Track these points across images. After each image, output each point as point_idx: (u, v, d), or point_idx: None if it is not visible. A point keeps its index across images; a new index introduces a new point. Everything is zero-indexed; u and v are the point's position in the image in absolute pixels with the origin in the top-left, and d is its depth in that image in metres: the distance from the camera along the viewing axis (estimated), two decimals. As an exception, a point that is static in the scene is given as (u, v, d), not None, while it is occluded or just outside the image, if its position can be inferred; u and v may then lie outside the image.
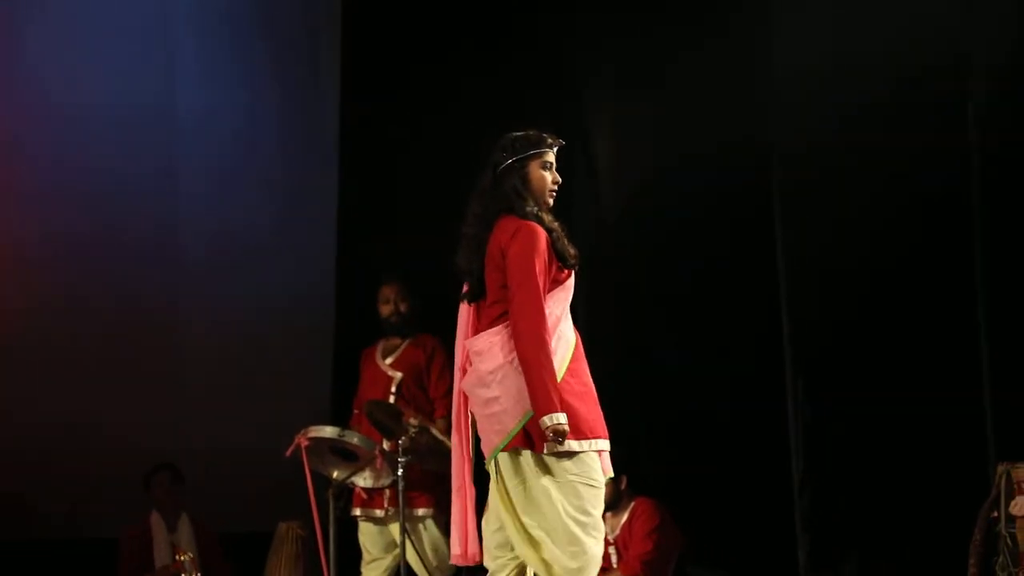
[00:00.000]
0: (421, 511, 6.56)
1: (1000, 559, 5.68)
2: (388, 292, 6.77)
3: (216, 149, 8.27)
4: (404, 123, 7.89)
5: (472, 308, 4.71)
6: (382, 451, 6.28)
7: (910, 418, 6.42)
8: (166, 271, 8.19)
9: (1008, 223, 6.21)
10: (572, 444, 4.45)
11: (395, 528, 6.38)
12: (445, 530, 6.65)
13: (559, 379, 4.48)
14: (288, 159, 8.36)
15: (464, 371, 4.69)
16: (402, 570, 6.24)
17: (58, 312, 7.93)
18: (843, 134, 6.60)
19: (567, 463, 4.47)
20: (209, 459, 7.82)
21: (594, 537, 4.49)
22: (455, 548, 4.72)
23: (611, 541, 6.62)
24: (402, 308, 6.75)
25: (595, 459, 4.53)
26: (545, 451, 4.44)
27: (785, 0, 6.91)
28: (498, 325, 4.56)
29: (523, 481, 4.50)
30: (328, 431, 6.32)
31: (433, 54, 7.92)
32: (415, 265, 7.33)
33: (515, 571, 4.62)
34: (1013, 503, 5.64)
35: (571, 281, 4.65)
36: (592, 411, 4.54)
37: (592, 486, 4.51)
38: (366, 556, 6.65)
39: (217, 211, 8.23)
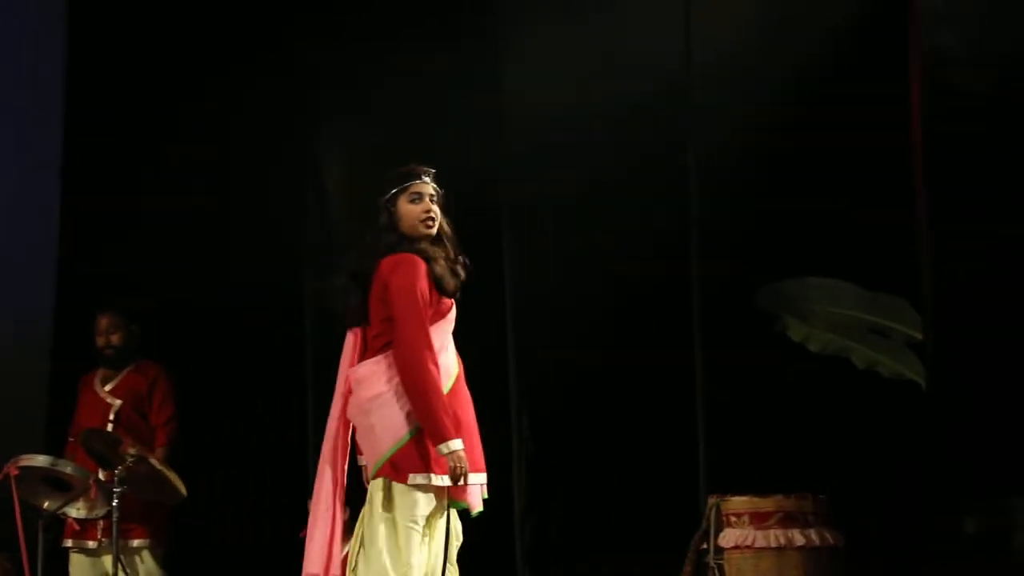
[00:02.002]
0: (136, 542, 6.44)
1: (709, 590, 5.87)
2: (102, 322, 6.62)
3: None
4: (133, 138, 7.69)
5: (357, 337, 4.79)
6: (97, 481, 6.11)
7: (625, 449, 6.58)
8: None
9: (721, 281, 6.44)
10: (432, 477, 4.57)
11: (108, 560, 6.21)
12: (161, 562, 6.52)
13: None
14: (7, 171, 8.05)
15: (345, 398, 4.78)
16: (114, 603, 6.06)
17: None
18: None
19: (406, 501, 4.58)
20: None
21: None
22: (314, 568, 4.73)
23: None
24: (114, 340, 6.61)
25: (430, 500, 4.59)
26: (409, 482, 4.55)
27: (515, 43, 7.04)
28: (380, 355, 4.67)
29: (381, 509, 4.61)
30: (40, 460, 6.13)
31: (166, 66, 7.76)
32: (143, 287, 7.20)
33: None
34: (722, 535, 5.83)
35: (452, 312, 4.75)
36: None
37: (416, 532, 4.59)
38: (77, 589, 6.47)
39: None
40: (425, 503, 4.61)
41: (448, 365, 4.72)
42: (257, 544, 7.28)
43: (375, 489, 4.64)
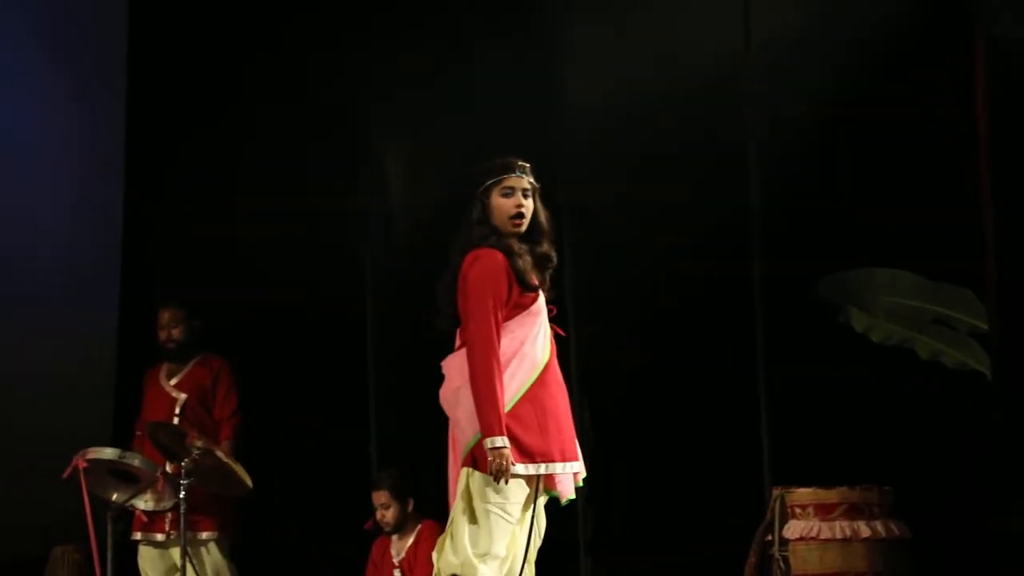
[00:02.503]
0: (204, 535, 6.48)
1: (773, 582, 5.86)
2: (163, 317, 6.67)
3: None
4: (194, 133, 7.76)
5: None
6: (164, 473, 6.17)
7: (688, 440, 6.57)
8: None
9: (784, 272, 6.43)
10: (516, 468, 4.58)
11: (176, 552, 6.27)
12: (228, 554, 6.57)
13: (514, 402, 4.59)
14: (73, 171, 8.14)
15: None
16: (182, 595, 6.13)
17: None
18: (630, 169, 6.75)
19: (488, 490, 4.59)
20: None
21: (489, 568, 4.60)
22: None
23: (396, 564, 6.61)
24: (175, 334, 6.65)
25: (520, 488, 4.60)
26: (488, 472, 4.55)
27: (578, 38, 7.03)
28: (462, 349, 4.71)
29: (464, 497, 4.64)
30: (108, 452, 6.20)
31: (224, 67, 7.82)
32: (205, 284, 7.25)
33: None
34: (787, 527, 5.82)
35: (539, 304, 4.71)
36: (536, 436, 4.59)
37: (504, 519, 4.60)
38: (145, 580, 6.54)
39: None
40: (507, 491, 4.60)
41: (534, 355, 4.68)
42: (321, 536, 7.33)
43: (462, 478, 4.65)
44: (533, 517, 4.67)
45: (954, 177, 6.27)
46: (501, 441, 4.52)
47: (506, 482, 4.53)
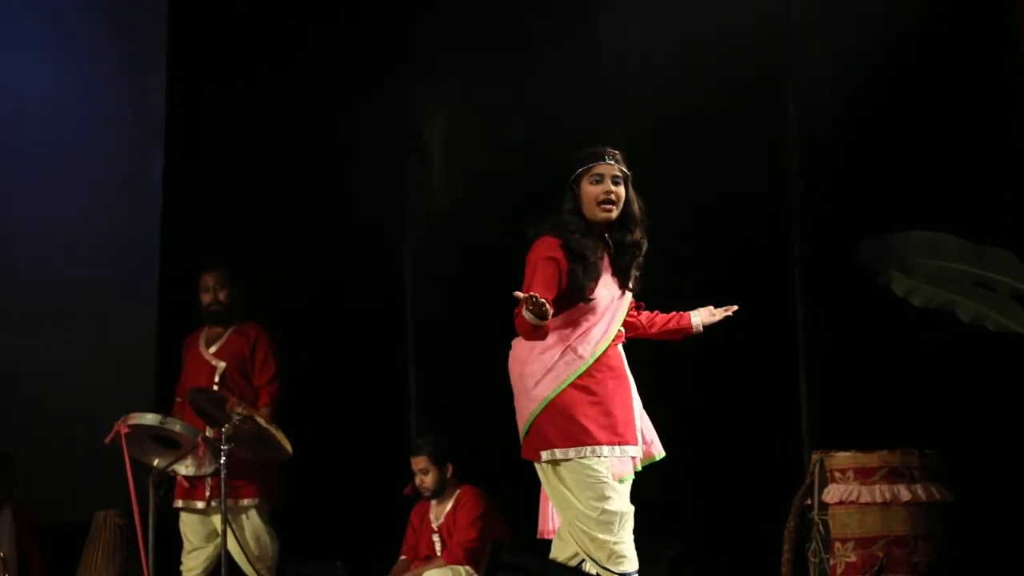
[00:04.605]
0: (245, 501, 6.52)
1: (812, 545, 5.83)
2: (208, 280, 6.69)
3: (39, 129, 8.08)
4: (236, 109, 7.79)
5: None
6: (205, 439, 6.20)
7: (727, 404, 6.55)
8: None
9: (823, 235, 6.39)
10: (556, 452, 4.73)
11: (217, 518, 6.31)
12: (268, 520, 6.61)
13: (560, 389, 4.71)
14: (111, 142, 8.19)
15: None
16: (223, 559, 6.16)
17: None
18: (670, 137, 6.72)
19: (551, 476, 4.79)
20: (31, 447, 7.63)
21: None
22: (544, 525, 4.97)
23: (435, 529, 6.63)
24: (221, 296, 6.67)
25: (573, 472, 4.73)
26: (543, 459, 4.77)
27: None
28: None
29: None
30: (149, 418, 6.21)
31: (266, 40, 7.84)
32: (243, 251, 7.28)
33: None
34: (826, 491, 5.79)
35: (598, 299, 4.75)
36: (581, 421, 4.69)
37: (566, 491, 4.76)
38: (187, 545, 6.58)
39: (37, 193, 8.02)
40: (564, 477, 4.73)
41: (584, 348, 4.74)
42: (361, 502, 7.36)
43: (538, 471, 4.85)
44: None
45: (996, 139, 6.20)
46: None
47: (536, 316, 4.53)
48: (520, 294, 4.56)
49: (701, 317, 5.06)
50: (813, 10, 6.50)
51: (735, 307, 5.05)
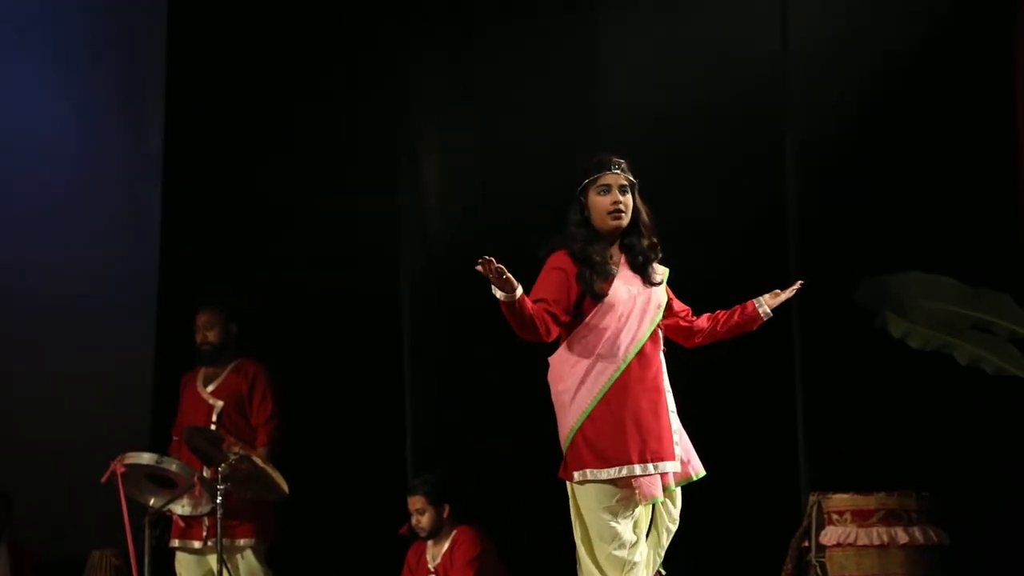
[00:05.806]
0: (241, 541, 6.48)
1: (810, 588, 5.83)
2: (200, 319, 6.67)
3: (36, 157, 8.10)
4: (234, 138, 7.79)
5: None
6: (201, 478, 6.18)
7: (724, 444, 6.54)
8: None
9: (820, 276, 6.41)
10: (588, 472, 4.67)
11: (213, 558, 6.27)
12: (264, 560, 6.58)
13: (593, 406, 4.66)
14: (110, 171, 8.20)
15: None
16: (219, 600, 6.13)
17: None
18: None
19: (582, 496, 4.72)
20: (27, 485, 7.61)
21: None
22: None
23: (432, 570, 6.61)
24: (211, 336, 6.64)
25: (604, 493, 4.67)
26: (576, 479, 4.70)
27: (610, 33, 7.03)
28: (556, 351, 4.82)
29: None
30: (146, 457, 6.19)
31: (263, 72, 7.86)
32: (241, 287, 7.28)
33: None
34: (823, 533, 5.79)
35: (619, 304, 4.69)
36: (610, 440, 4.63)
37: (597, 520, 4.68)
38: (182, 586, 6.56)
39: (37, 223, 8.03)
40: (602, 495, 4.65)
41: (611, 357, 4.68)
42: (357, 542, 7.34)
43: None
44: (653, 514, 4.76)
45: (993, 182, 6.22)
46: (499, 295, 4.52)
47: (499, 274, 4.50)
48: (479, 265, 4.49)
49: (766, 300, 4.94)
50: (809, 50, 6.53)
51: (800, 282, 4.92)
